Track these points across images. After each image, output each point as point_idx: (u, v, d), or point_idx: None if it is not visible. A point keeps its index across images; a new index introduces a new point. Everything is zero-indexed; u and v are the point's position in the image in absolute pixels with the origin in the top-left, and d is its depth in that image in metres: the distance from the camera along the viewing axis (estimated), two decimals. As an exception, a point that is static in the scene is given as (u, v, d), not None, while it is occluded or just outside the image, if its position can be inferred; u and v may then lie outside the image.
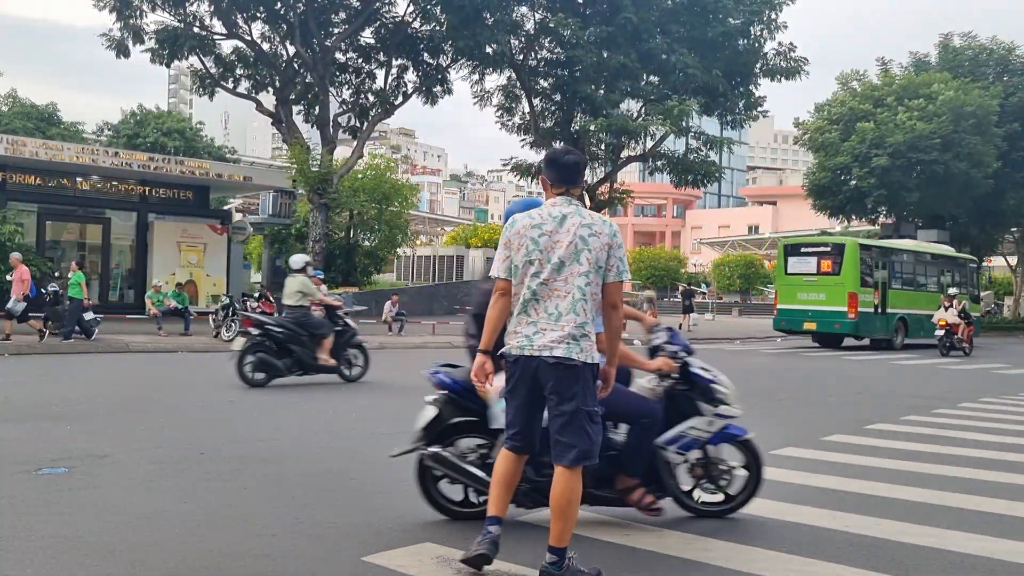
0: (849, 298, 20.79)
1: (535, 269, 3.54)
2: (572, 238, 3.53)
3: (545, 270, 3.53)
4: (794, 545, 4.23)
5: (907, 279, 23.43)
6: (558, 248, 3.53)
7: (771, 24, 23.96)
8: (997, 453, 6.99)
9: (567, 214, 3.58)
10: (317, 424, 7.77)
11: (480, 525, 3.77)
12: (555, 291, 3.53)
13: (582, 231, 3.54)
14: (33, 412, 7.98)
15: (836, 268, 21.26)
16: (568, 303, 3.51)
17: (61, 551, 3.85)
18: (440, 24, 21.20)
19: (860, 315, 20.87)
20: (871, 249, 22.61)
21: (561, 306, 3.51)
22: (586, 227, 3.55)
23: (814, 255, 22.05)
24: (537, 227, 3.56)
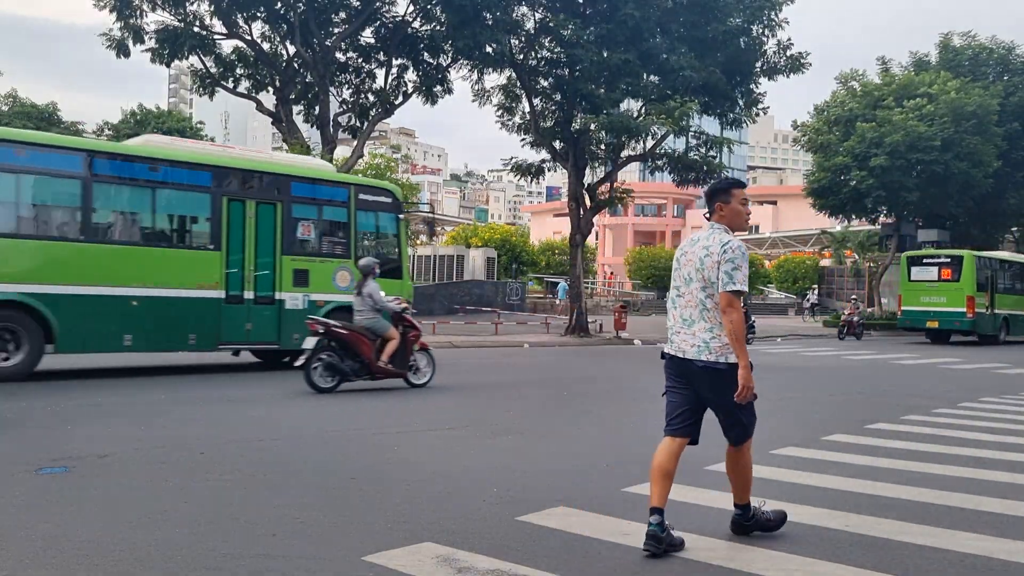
0: (968, 301, 24.86)
1: (676, 283, 4.38)
2: (694, 258, 4.26)
3: (681, 284, 4.32)
4: (794, 544, 4.23)
5: (1008, 286, 27.60)
6: (687, 266, 4.30)
7: (771, 23, 23.94)
8: (997, 453, 6.99)
9: (700, 238, 4.33)
10: (317, 424, 7.77)
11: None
12: (688, 302, 4.28)
13: (701, 252, 4.24)
14: (33, 412, 7.99)
15: (956, 275, 25.36)
16: (696, 312, 4.24)
17: (61, 551, 3.85)
18: (440, 24, 21.19)
19: (976, 315, 24.96)
20: (983, 260, 26.64)
21: (691, 315, 4.26)
22: (704, 248, 4.24)
23: (935, 265, 26.24)
24: (681, 249, 4.43)
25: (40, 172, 10.77)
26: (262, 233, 12.28)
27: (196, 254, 11.87)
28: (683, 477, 5.65)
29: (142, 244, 11.56)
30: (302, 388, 9.91)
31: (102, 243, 11.25)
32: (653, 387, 11.90)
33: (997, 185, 32.51)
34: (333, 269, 12.94)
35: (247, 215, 12.16)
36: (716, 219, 4.35)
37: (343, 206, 13.25)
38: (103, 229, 11.43)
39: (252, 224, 12.18)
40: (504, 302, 34.90)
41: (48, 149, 10.91)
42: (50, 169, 10.85)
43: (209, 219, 12.00)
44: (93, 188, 11.06)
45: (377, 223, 13.94)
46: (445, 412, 8.93)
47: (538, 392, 11.18)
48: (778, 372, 15.08)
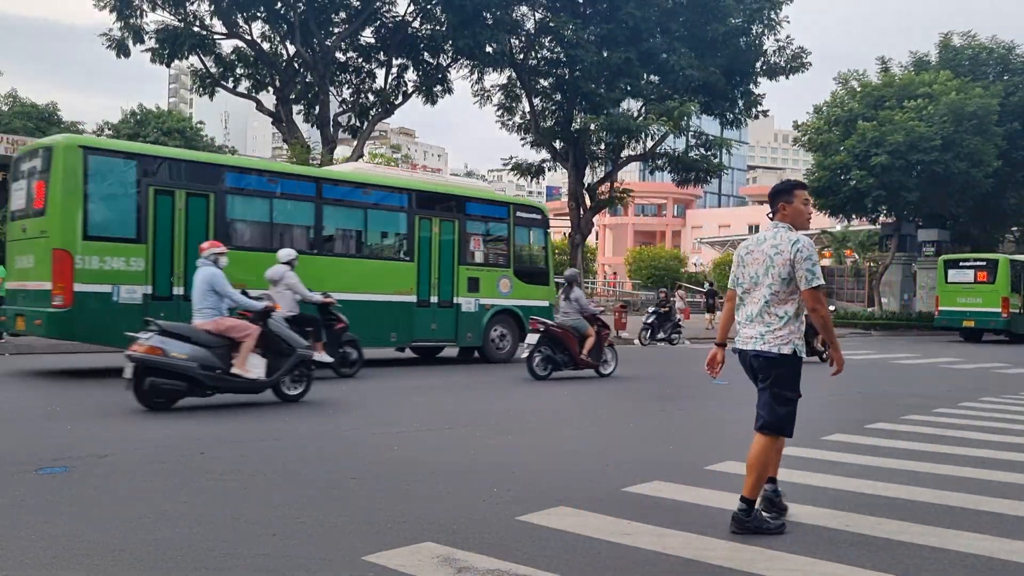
0: (1003, 302, 26.65)
1: (740, 280, 4.61)
2: (763, 257, 4.48)
3: (747, 282, 4.56)
4: (794, 544, 4.23)
5: None
6: (754, 265, 4.52)
7: (771, 23, 23.96)
8: (998, 452, 6.98)
9: (766, 238, 4.54)
10: (316, 424, 7.77)
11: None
12: (753, 299, 4.53)
13: (770, 251, 4.46)
14: (33, 412, 7.99)
15: (991, 278, 27.05)
16: (759, 308, 4.47)
17: (61, 551, 3.85)
18: (440, 24, 21.19)
19: (1011, 315, 26.72)
20: (1017, 263, 28.13)
21: (753, 310, 4.51)
22: (773, 247, 4.46)
23: (971, 268, 28.03)
24: (745, 247, 4.64)
25: (283, 196, 12.75)
26: (444, 246, 14.32)
27: (397, 264, 13.88)
28: (683, 477, 5.67)
29: (358, 256, 13.70)
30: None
31: (330, 256, 13.23)
32: (653, 386, 11.94)
33: (997, 185, 32.52)
34: (497, 277, 15.03)
35: (432, 231, 14.21)
36: (779, 218, 4.59)
37: (504, 222, 15.31)
38: (330, 243, 13.47)
39: (436, 238, 14.24)
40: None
41: (289, 177, 13.14)
42: (292, 194, 12.86)
43: (405, 234, 14.01)
44: (323, 210, 13.11)
45: (530, 237, 15.88)
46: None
47: (538, 391, 11.17)
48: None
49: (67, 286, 10.60)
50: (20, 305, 11.47)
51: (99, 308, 10.80)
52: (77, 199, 10.79)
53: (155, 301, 11.23)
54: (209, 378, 8.36)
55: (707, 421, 8.77)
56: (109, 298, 10.90)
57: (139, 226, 11.25)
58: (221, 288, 8.77)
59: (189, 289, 9.92)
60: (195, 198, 11.68)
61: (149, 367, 8.10)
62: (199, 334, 8.49)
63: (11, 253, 12.08)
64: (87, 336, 11.21)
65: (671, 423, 8.56)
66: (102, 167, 11.08)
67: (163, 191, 11.44)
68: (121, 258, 11.04)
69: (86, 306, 10.70)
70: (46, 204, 10.89)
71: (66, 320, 10.70)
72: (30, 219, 11.32)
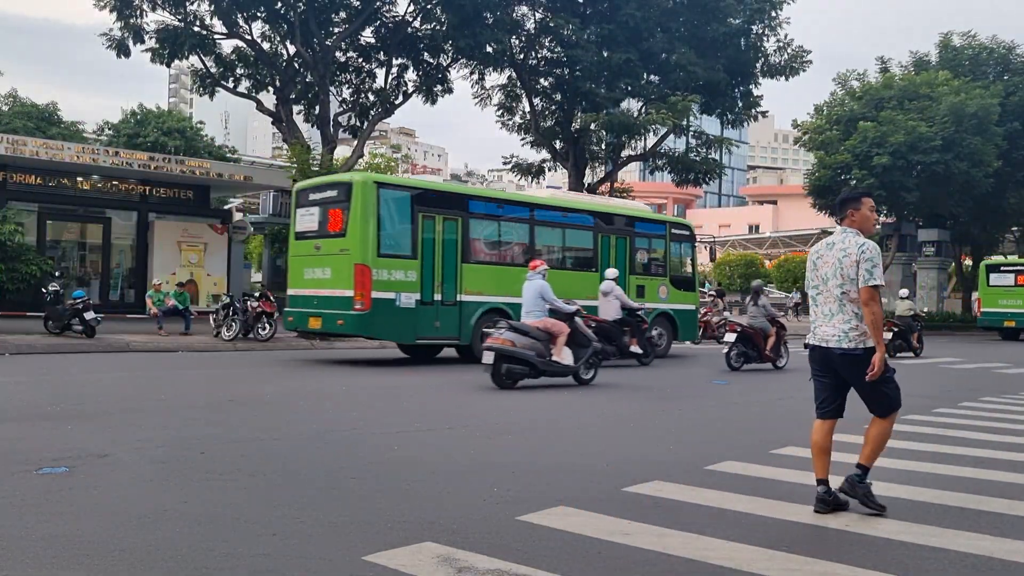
0: None
1: (814, 282, 5.02)
2: (833, 260, 4.88)
3: (819, 283, 4.96)
4: (794, 544, 4.23)
5: None
6: (825, 267, 4.94)
7: (772, 23, 23.95)
8: (998, 452, 6.98)
9: (835, 242, 4.94)
10: (317, 423, 7.77)
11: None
12: (826, 299, 4.92)
13: (839, 254, 4.86)
14: (33, 412, 7.99)
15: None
16: (835, 307, 4.86)
17: (61, 551, 3.85)
18: (440, 23, 21.18)
19: None
20: None
21: (830, 309, 4.89)
22: (841, 251, 4.86)
23: (1012, 271, 30.10)
24: (816, 251, 5.05)
25: (508, 219, 15.35)
26: (619, 259, 16.67)
27: (585, 274, 16.18)
28: (683, 477, 5.67)
29: (559, 268, 15.83)
30: (302, 388, 9.88)
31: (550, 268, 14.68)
32: (655, 385, 11.92)
33: (997, 185, 32.52)
34: (657, 285, 17.35)
35: (611, 246, 16.72)
36: (847, 223, 4.99)
37: (662, 238, 17.93)
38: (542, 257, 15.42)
39: (613, 252, 16.66)
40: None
41: (511, 203, 15.67)
42: (508, 217, 15.38)
43: (591, 249, 16.50)
44: (535, 230, 15.70)
45: (680, 250, 18.26)
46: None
47: (537, 392, 11.17)
48: (777, 371, 15.07)
49: (367, 294, 13.16)
50: (316, 308, 13.89)
51: (388, 311, 13.39)
52: (373, 224, 13.37)
53: (422, 306, 13.85)
54: (541, 363, 10.74)
55: (707, 421, 8.77)
56: (394, 303, 13.48)
57: (413, 245, 13.83)
58: (547, 296, 11.25)
59: (445, 296, 14.04)
60: (449, 221, 14.30)
61: (505, 355, 10.53)
62: (531, 330, 10.82)
63: (298, 265, 14.55)
64: (379, 333, 13.90)
65: (671, 423, 8.56)
66: (388, 198, 13.65)
67: (428, 216, 14.04)
68: (402, 271, 13.66)
69: (379, 309, 13.27)
70: (346, 228, 13.45)
71: (365, 320, 13.22)
72: (326, 239, 13.84)
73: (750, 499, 5.10)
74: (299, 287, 14.45)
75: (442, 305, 14.02)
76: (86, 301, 16.42)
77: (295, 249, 14.87)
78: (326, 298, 13.73)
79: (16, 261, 18.94)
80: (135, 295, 22.50)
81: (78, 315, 16.09)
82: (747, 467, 6.10)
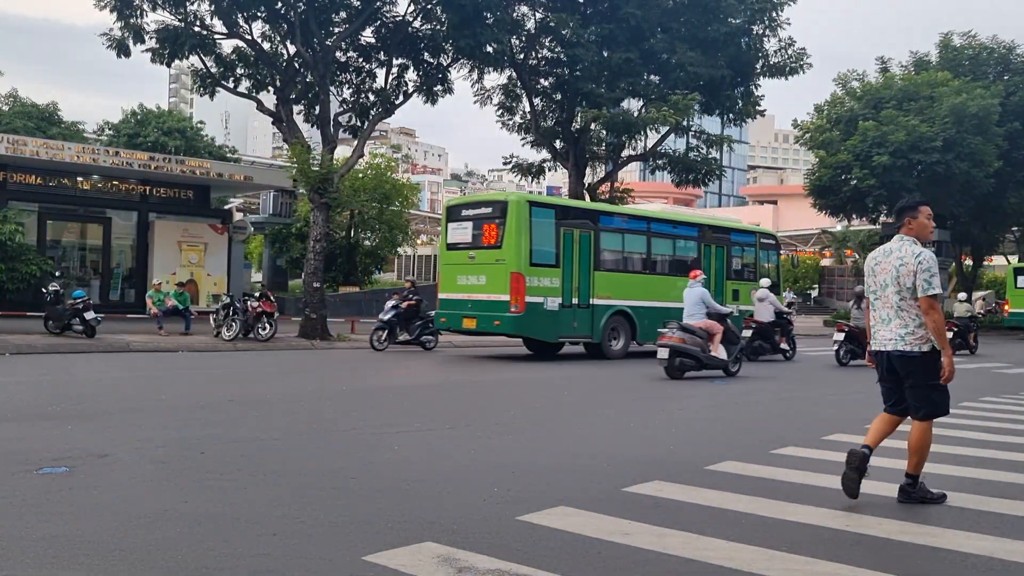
0: None
1: (872, 288, 5.22)
2: (889, 267, 5.08)
3: (877, 289, 5.16)
4: (794, 544, 4.22)
5: None
6: (882, 274, 5.14)
7: (773, 23, 23.92)
8: (998, 452, 6.98)
9: (892, 250, 5.13)
10: (317, 424, 7.78)
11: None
12: (884, 304, 5.12)
13: (895, 262, 5.05)
14: (33, 412, 7.99)
15: None
16: (891, 312, 5.06)
17: (61, 551, 3.85)
18: (441, 23, 21.14)
19: None
20: None
21: (888, 314, 5.09)
22: (898, 259, 5.05)
23: None
24: (874, 258, 5.26)
25: (629, 231, 17.33)
26: (718, 265, 18.73)
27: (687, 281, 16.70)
28: (683, 477, 5.67)
29: (671, 275, 17.63)
30: (302, 389, 9.90)
31: (654, 274, 17.65)
32: (654, 386, 11.94)
33: (998, 185, 32.50)
34: (749, 289, 18.95)
35: (711, 254, 18.65)
36: (904, 231, 5.14)
37: (752, 247, 20.17)
38: (655, 264, 17.85)
39: (713, 260, 18.57)
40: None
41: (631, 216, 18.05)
42: (631, 230, 17.37)
43: (695, 258, 18.18)
44: (652, 241, 17.68)
45: (767, 258, 20.47)
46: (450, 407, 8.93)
47: (537, 392, 11.18)
48: (777, 371, 15.07)
49: (521, 298, 15.07)
50: (471, 311, 15.73)
51: (537, 313, 15.34)
52: (526, 237, 15.32)
53: (563, 308, 15.79)
54: (704, 358, 12.72)
55: (707, 421, 8.77)
56: (542, 306, 15.43)
57: (556, 255, 15.79)
58: (707, 300, 13.35)
59: (580, 299, 16.02)
60: (583, 234, 16.26)
61: (677, 351, 12.54)
62: (696, 330, 12.81)
63: (450, 273, 16.35)
64: (531, 332, 15.77)
65: (671, 423, 8.56)
66: (537, 215, 15.59)
67: (567, 229, 16.03)
68: (548, 278, 15.57)
69: (531, 311, 15.19)
70: (501, 240, 15.38)
71: (520, 321, 15.17)
72: (480, 250, 15.76)
73: (750, 499, 5.10)
74: (451, 292, 16.23)
75: (578, 308, 16.02)
76: (86, 301, 16.43)
77: (446, 258, 16.66)
78: (481, 302, 15.57)
79: (16, 261, 18.94)
80: (135, 295, 22.50)
81: (78, 315, 16.10)
82: (747, 467, 6.09)
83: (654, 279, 17.49)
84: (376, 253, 33.62)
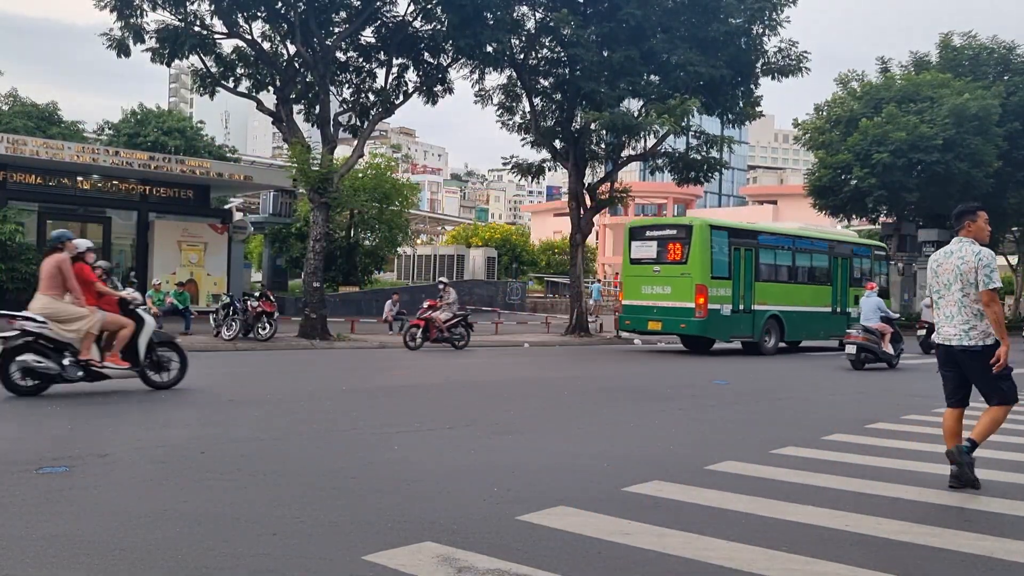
0: None
1: (936, 288, 5.70)
2: (951, 267, 5.58)
3: (941, 288, 5.65)
4: (794, 544, 4.23)
5: None
6: (945, 274, 5.63)
7: (772, 23, 23.90)
8: (997, 452, 6.98)
9: (953, 251, 5.65)
10: (317, 423, 7.77)
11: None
12: (948, 302, 5.60)
13: (957, 262, 5.56)
14: (33, 411, 7.99)
15: None
16: (955, 309, 5.54)
17: (61, 551, 3.85)
18: (441, 23, 21.12)
19: None
20: None
21: (952, 311, 5.57)
22: (960, 259, 5.55)
23: None
24: (936, 260, 5.76)
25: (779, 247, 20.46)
26: (843, 275, 21.70)
27: (823, 288, 21.14)
28: (683, 477, 5.67)
29: (809, 283, 20.98)
30: (302, 389, 9.89)
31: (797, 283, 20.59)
32: (653, 386, 11.93)
33: (997, 185, 32.49)
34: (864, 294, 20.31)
35: (837, 265, 21.67)
36: (963, 233, 5.67)
37: (868, 258, 23.11)
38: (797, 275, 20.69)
39: (839, 270, 21.69)
40: (504, 302, 34.91)
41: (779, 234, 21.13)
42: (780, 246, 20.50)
43: (826, 268, 21.35)
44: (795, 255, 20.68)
45: (879, 267, 23.45)
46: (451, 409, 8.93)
47: (537, 392, 11.18)
48: (778, 371, 15.08)
49: (704, 305, 17.90)
50: (656, 315, 18.70)
51: (716, 317, 18.22)
52: (707, 254, 18.17)
53: (732, 314, 18.58)
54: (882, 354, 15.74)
55: (707, 421, 8.77)
56: (719, 312, 18.29)
57: (728, 269, 18.61)
58: (883, 307, 16.29)
59: (745, 306, 18.96)
60: (747, 251, 19.20)
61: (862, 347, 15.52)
62: (873, 330, 15.76)
63: (635, 283, 19.32)
64: (711, 334, 18.55)
65: (671, 423, 8.56)
66: (715, 235, 18.43)
67: (735, 247, 18.92)
68: (723, 289, 18.39)
69: (711, 316, 18.07)
70: (687, 257, 18.23)
71: (704, 324, 18.07)
72: (664, 265, 18.64)
73: (750, 499, 5.10)
74: (636, 299, 19.21)
75: (743, 313, 18.88)
76: None
77: (630, 271, 19.65)
78: (666, 308, 18.54)
79: (16, 261, 18.95)
80: (135, 295, 22.46)
81: None
82: (747, 467, 6.09)
83: (797, 288, 20.53)
84: (376, 253, 33.62)
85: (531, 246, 47.94)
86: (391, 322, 22.18)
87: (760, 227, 22.10)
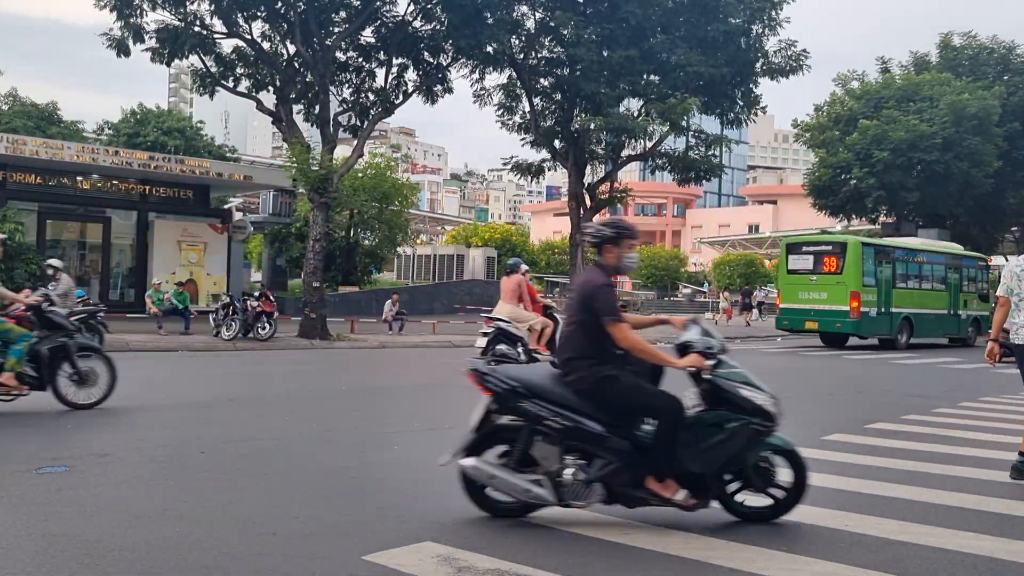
0: None
1: (1017, 292, 6.16)
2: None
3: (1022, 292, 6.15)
4: (794, 544, 4.23)
5: None
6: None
7: (772, 23, 23.91)
8: (997, 452, 6.98)
9: None
10: (317, 423, 7.77)
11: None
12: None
13: None
14: (33, 411, 7.99)
15: None
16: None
17: (61, 551, 3.85)
18: (441, 23, 21.11)
19: None
20: None
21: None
22: None
23: None
24: (1019, 264, 6.24)
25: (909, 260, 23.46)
26: (956, 283, 24.87)
27: (941, 293, 24.19)
28: (683, 477, 5.65)
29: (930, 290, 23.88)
30: (302, 390, 9.91)
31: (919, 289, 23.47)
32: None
33: (997, 185, 32.48)
34: (973, 299, 25.51)
35: (951, 274, 24.79)
36: None
37: (974, 267, 26.22)
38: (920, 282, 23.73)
39: (953, 279, 24.82)
40: (504, 302, 34.78)
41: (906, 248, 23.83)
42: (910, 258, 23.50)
43: (943, 276, 24.53)
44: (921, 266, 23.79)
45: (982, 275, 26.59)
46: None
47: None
48: (778, 371, 15.08)
49: (857, 308, 20.84)
50: (813, 317, 21.61)
51: (865, 318, 21.12)
52: (860, 266, 21.21)
53: (877, 315, 21.53)
54: None
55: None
56: (868, 314, 21.24)
57: (874, 278, 21.67)
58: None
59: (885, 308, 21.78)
60: (887, 263, 22.40)
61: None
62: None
63: (792, 289, 22.21)
64: (859, 331, 21.38)
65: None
66: (865, 251, 21.64)
67: (878, 261, 22.04)
68: (870, 294, 21.32)
69: (862, 317, 21.02)
70: (842, 269, 21.19)
71: (856, 324, 21.02)
72: (820, 275, 21.54)
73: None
74: (794, 303, 22.18)
75: (883, 314, 21.83)
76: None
77: (787, 279, 22.72)
78: (822, 311, 21.48)
79: (16, 261, 18.93)
80: (135, 295, 22.50)
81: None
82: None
83: (923, 293, 23.57)
84: (376, 253, 33.60)
85: (531, 246, 47.95)
86: (391, 322, 22.17)
87: (895, 243, 25.09)
